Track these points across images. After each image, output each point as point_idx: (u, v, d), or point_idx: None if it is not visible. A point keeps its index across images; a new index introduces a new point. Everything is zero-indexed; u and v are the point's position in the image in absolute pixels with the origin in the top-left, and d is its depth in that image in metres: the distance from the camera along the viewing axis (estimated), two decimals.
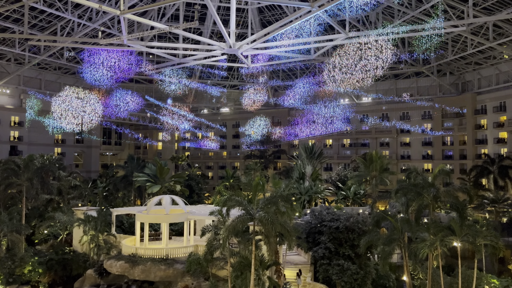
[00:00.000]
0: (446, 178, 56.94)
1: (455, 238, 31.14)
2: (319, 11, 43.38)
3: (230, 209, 31.12)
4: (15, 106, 77.50)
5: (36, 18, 60.38)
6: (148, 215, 40.93)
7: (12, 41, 65.16)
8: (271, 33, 49.55)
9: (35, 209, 54.02)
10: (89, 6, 53.40)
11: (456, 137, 79.27)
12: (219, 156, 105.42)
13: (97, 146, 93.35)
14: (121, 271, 36.80)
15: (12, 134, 77.18)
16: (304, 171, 70.12)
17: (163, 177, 60.89)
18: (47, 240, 48.93)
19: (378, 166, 57.43)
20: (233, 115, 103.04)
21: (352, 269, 35.85)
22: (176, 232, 47.43)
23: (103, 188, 68.38)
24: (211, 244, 31.63)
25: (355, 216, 40.63)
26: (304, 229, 41.09)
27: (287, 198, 34.27)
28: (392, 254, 34.04)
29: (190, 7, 69.78)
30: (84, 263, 42.19)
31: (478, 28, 60.08)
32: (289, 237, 30.03)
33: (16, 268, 40.10)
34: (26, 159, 50.75)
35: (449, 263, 39.42)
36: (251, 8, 71.28)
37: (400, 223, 32.92)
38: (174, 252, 37.97)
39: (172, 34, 74.07)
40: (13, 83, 75.91)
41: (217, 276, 34.59)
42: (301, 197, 64.04)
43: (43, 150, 73.90)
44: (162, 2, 47.30)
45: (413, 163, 79.00)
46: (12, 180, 48.79)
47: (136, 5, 60.22)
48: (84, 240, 41.95)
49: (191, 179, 73.89)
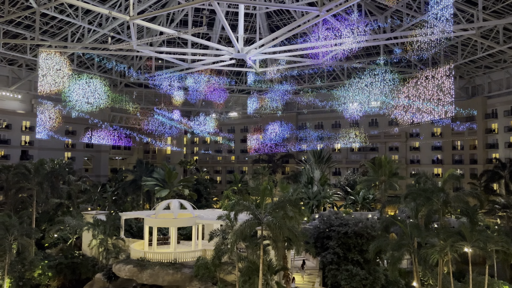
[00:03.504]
0: (456, 183, 56.34)
1: (465, 244, 30.73)
2: (327, 15, 43.40)
3: (238, 214, 31.11)
4: (26, 111, 78.47)
5: (47, 24, 61.22)
6: (157, 219, 41.05)
7: (24, 47, 66.12)
8: (279, 38, 49.65)
9: (45, 213, 54.51)
10: (99, 12, 54.06)
11: (466, 141, 78.48)
12: (227, 160, 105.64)
13: (107, 151, 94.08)
14: (130, 275, 36.91)
15: (23, 139, 78.12)
16: (313, 176, 69.91)
17: (171, 182, 61.12)
18: (56, 244, 49.29)
19: (387, 171, 57.06)
20: (241, 120, 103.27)
21: (361, 274, 35.54)
22: (185, 236, 47.53)
23: (112, 192, 68.80)
24: (219, 249, 31.63)
25: (364, 221, 40.32)
26: (313, 234, 40.89)
27: (295, 202, 34.17)
28: (402, 260, 33.71)
29: (198, 12, 70.27)
30: (93, 267, 42.38)
31: (488, 31, 59.59)
32: (297, 242, 29.91)
33: (26, 272, 40.41)
34: (36, 164, 51.33)
35: (459, 269, 38.90)
36: (259, 13, 71.52)
37: (410, 228, 32.60)
38: (182, 257, 38.01)
39: (181, 40, 74.52)
40: (25, 88, 76.90)
41: (225, 280, 34.52)
42: (309, 202, 63.82)
43: (53, 154, 74.75)
44: (171, 8, 47.72)
45: (422, 168, 78.36)
46: (23, 184, 49.40)
47: (145, 11, 60.81)
48: (93, 244, 42.18)
49: (199, 184, 74.12)
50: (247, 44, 64.50)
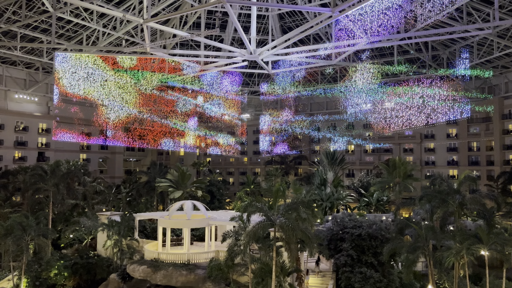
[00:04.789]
0: (473, 184, 55.17)
1: (482, 247, 30.22)
2: (340, 16, 43.16)
3: (251, 215, 31.11)
4: (43, 113, 79.85)
5: (63, 28, 62.22)
6: (170, 220, 41.31)
7: (40, 51, 67.31)
8: (291, 39, 49.55)
9: (61, 214, 55.30)
10: (113, 15, 54.73)
11: (482, 142, 77.16)
12: (240, 162, 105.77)
13: (121, 152, 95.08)
14: (144, 276, 37.21)
15: (39, 141, 79.51)
16: (326, 177, 69.51)
17: (185, 183, 61.44)
18: (72, 244, 49.94)
19: (401, 172, 56.46)
20: (253, 121, 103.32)
21: (375, 277, 35.20)
22: (198, 237, 47.72)
23: (126, 193, 69.46)
24: (232, 250, 31.66)
25: (378, 223, 39.96)
26: (326, 236, 40.63)
27: (308, 204, 34.02)
28: (417, 262, 33.32)
29: (211, 15, 70.57)
30: (108, 267, 42.79)
31: (504, 30, 58.56)
32: (310, 244, 29.77)
33: (43, 272, 41.05)
34: (52, 165, 52.14)
35: (476, 272, 38.26)
36: (271, 14, 71.49)
37: (425, 231, 32.17)
38: (195, 258, 38.18)
39: (194, 42, 74.98)
40: (41, 91, 78.30)
41: (238, 282, 34.54)
42: (322, 204, 63.45)
43: (69, 156, 75.89)
44: (184, 11, 48.02)
45: (437, 169, 77.23)
46: (39, 186, 50.19)
47: (158, 14, 61.35)
48: (108, 245, 42.60)
49: (212, 185, 74.35)
50: (260, 46, 64.48)
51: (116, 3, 58.29)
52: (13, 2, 52.75)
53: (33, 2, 54.65)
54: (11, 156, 74.75)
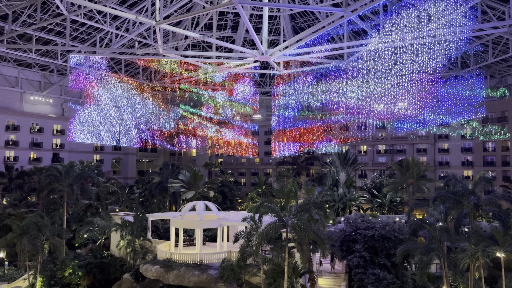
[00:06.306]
0: (488, 185, 54.47)
1: (498, 249, 29.76)
2: (352, 15, 42.89)
3: (263, 216, 31.11)
4: (57, 115, 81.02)
5: (77, 30, 63.06)
6: (183, 220, 41.53)
7: (55, 53, 68.34)
8: (303, 40, 49.41)
9: (75, 214, 56.00)
10: (126, 17, 55.26)
11: (498, 142, 75.92)
12: (252, 162, 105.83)
13: (134, 153, 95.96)
14: (156, 276, 37.46)
15: (54, 142, 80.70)
16: (338, 178, 69.15)
17: (197, 183, 61.72)
18: (86, 244, 50.54)
19: (415, 173, 55.88)
20: (265, 122, 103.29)
21: (388, 278, 34.89)
22: (210, 237, 47.88)
23: (139, 194, 70.06)
24: (244, 251, 31.70)
25: (391, 224, 39.61)
26: (338, 237, 40.42)
27: (320, 205, 33.87)
28: (431, 264, 32.94)
29: (223, 16, 70.79)
30: (121, 267, 43.23)
31: None
32: (322, 245, 29.65)
33: (58, 271, 41.65)
34: (67, 166, 52.86)
35: (492, 274, 37.67)
36: (283, 15, 71.41)
37: (439, 232, 31.77)
38: (207, 258, 38.32)
39: (206, 43, 75.31)
40: (56, 93, 79.44)
41: (250, 283, 34.56)
42: (335, 205, 63.14)
43: (83, 157, 76.95)
44: (196, 12, 48.21)
45: (452, 170, 76.23)
46: (54, 186, 50.93)
47: (171, 16, 61.76)
48: (121, 245, 43.03)
49: (224, 186, 74.53)
50: (271, 46, 64.44)
51: (129, 6, 58.89)
52: (28, 5, 53.63)
53: (48, 5, 55.51)
54: (26, 157, 76.02)
